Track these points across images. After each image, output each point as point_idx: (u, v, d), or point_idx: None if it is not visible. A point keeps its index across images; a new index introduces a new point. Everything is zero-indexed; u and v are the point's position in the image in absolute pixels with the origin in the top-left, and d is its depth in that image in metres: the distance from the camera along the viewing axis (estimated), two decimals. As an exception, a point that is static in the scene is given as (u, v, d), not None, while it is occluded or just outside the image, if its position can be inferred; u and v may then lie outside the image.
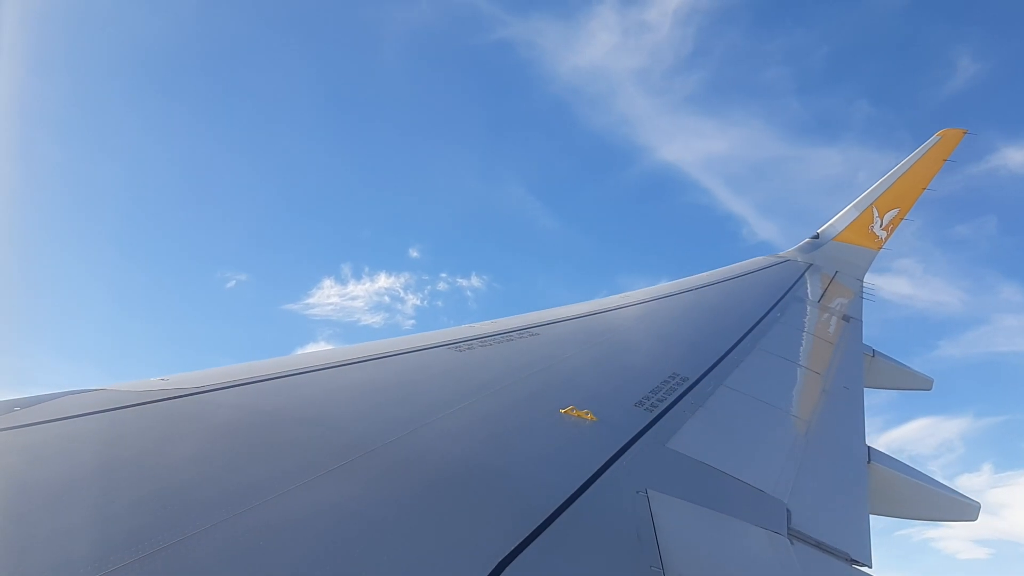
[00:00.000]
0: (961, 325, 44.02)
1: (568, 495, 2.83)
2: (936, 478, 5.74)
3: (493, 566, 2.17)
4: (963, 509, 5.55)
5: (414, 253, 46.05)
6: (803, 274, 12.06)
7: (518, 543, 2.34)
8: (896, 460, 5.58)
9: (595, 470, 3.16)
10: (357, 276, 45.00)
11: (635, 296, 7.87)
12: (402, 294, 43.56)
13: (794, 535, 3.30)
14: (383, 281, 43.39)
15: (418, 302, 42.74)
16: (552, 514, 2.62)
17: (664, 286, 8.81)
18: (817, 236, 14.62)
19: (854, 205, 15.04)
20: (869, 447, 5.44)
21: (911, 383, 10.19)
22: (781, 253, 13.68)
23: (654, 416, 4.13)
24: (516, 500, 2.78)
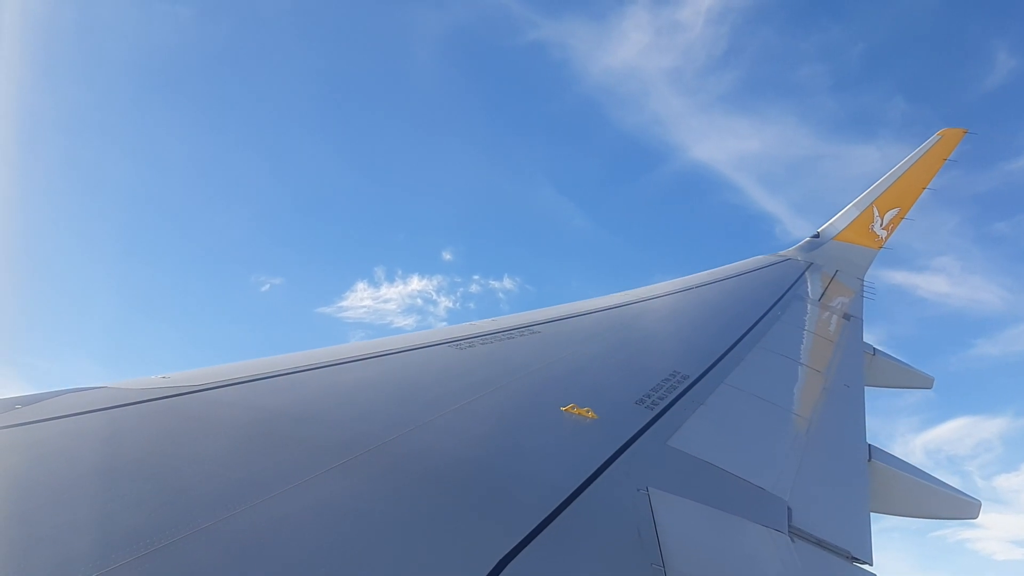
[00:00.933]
0: (1000, 323, 43.48)
1: (569, 493, 2.82)
2: (974, 478, 5.76)
3: (494, 564, 2.17)
4: (964, 507, 5.55)
5: (447, 256, 46.18)
6: (803, 273, 12.06)
7: (519, 541, 2.34)
8: (897, 458, 5.58)
9: (596, 468, 3.16)
10: (390, 279, 45.32)
11: (636, 294, 7.86)
12: (435, 296, 43.75)
13: (795, 533, 3.30)
14: (416, 283, 43.71)
15: (450, 304, 42.87)
16: (553, 512, 2.62)
17: (665, 284, 8.81)
18: (817, 235, 14.62)
19: (854, 204, 15.04)
20: (870, 445, 5.44)
21: (912, 381, 10.19)
22: (782, 252, 13.68)
23: (655, 414, 4.13)
24: (517, 498, 2.78)
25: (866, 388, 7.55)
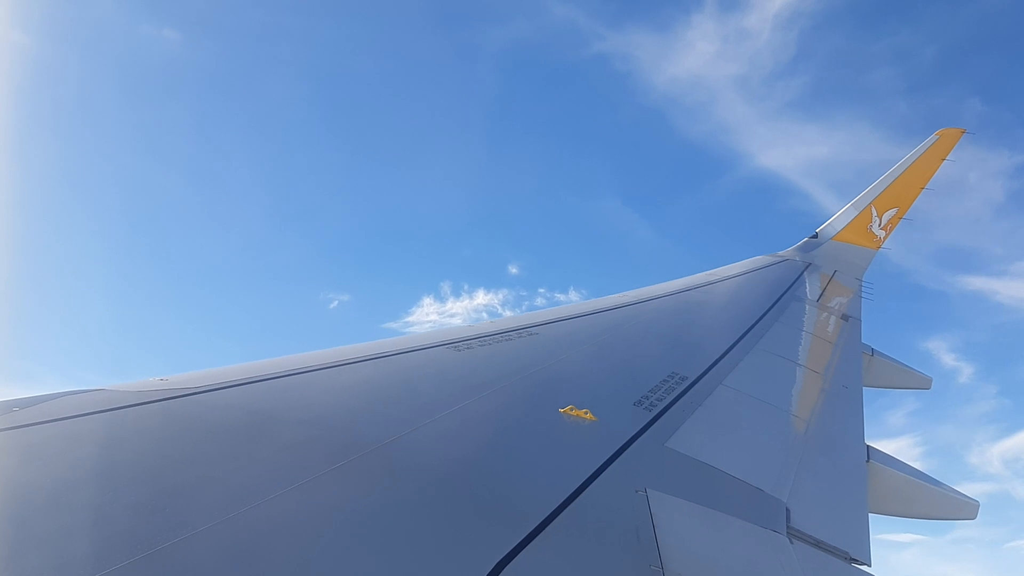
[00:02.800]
0: (1081, 330, 42.38)
1: (567, 495, 2.83)
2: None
3: (492, 566, 2.17)
4: (962, 508, 5.56)
5: (513, 269, 46.43)
6: (802, 273, 12.06)
7: (517, 543, 2.34)
8: (895, 459, 5.59)
9: (594, 469, 3.16)
10: (456, 293, 45.69)
11: (633, 295, 7.86)
12: (500, 310, 44.16)
13: (793, 534, 3.30)
14: (481, 298, 44.14)
15: (514, 317, 43.07)
16: (551, 514, 2.62)
17: (663, 285, 8.81)
18: (816, 235, 14.64)
19: (853, 204, 15.06)
20: (868, 446, 5.44)
21: (910, 382, 10.20)
22: (780, 252, 13.69)
23: (653, 415, 4.13)
24: (515, 499, 2.78)
25: (870, 389, 7.58)
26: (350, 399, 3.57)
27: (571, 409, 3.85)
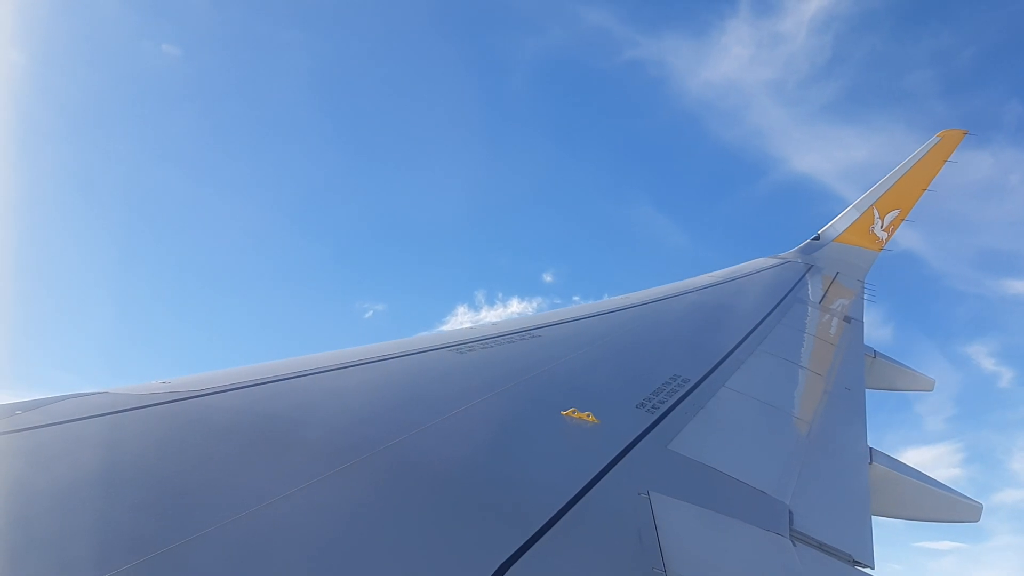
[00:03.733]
0: None
1: (570, 497, 2.82)
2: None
3: (495, 568, 2.17)
4: (965, 510, 5.55)
5: (548, 277, 46.56)
6: (804, 275, 12.05)
7: (520, 545, 2.34)
8: (898, 461, 5.58)
9: (597, 472, 3.15)
10: (491, 302, 46.25)
11: (636, 298, 7.86)
12: None
13: (796, 536, 3.30)
14: (515, 306, 44.69)
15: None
16: (554, 516, 2.62)
17: (665, 288, 8.80)
18: (818, 237, 14.63)
19: (855, 206, 15.05)
20: (871, 448, 5.43)
21: (913, 384, 10.18)
22: (782, 254, 13.67)
23: (656, 418, 4.13)
24: (518, 502, 2.78)
25: (871, 391, 7.57)
26: (354, 402, 3.57)
27: (573, 411, 3.85)
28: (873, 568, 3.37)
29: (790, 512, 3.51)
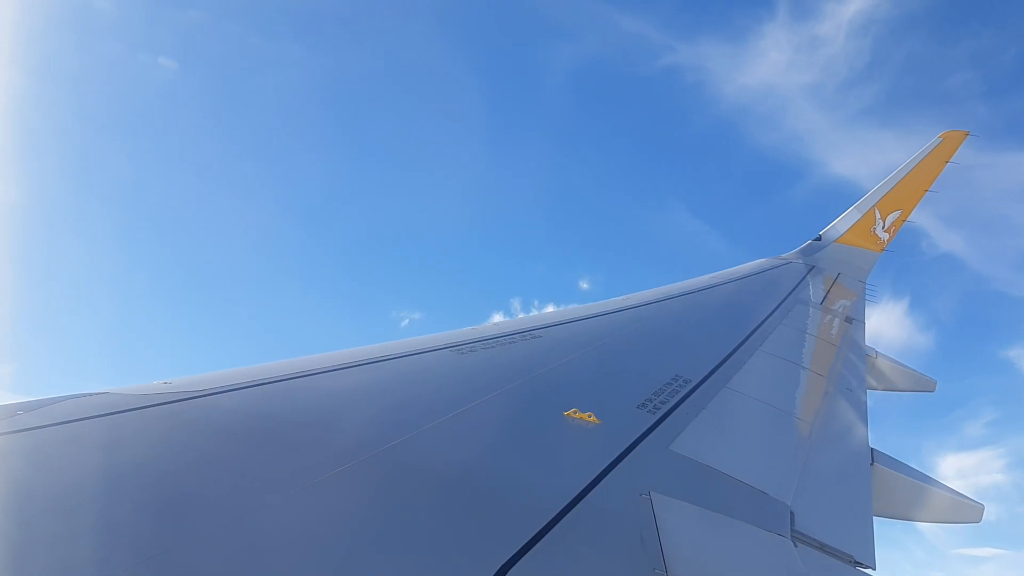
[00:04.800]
0: None
1: (571, 498, 2.82)
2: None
3: (496, 569, 2.17)
4: (967, 511, 5.54)
5: (584, 285, 46.45)
6: (805, 276, 12.05)
7: (521, 546, 2.34)
8: (900, 462, 5.57)
9: (598, 473, 3.15)
10: (526, 310, 46.20)
11: (637, 298, 7.86)
12: None
13: (797, 537, 3.29)
14: None
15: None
16: (555, 517, 2.62)
17: (666, 288, 8.80)
18: (819, 238, 14.62)
19: (856, 207, 15.04)
20: (872, 448, 5.43)
21: (915, 385, 10.17)
22: (783, 255, 13.67)
23: (657, 418, 4.13)
24: (519, 503, 2.77)
25: (873, 392, 7.56)
26: (354, 402, 3.57)
27: (575, 412, 3.85)
28: (875, 569, 3.37)
29: (791, 513, 3.51)
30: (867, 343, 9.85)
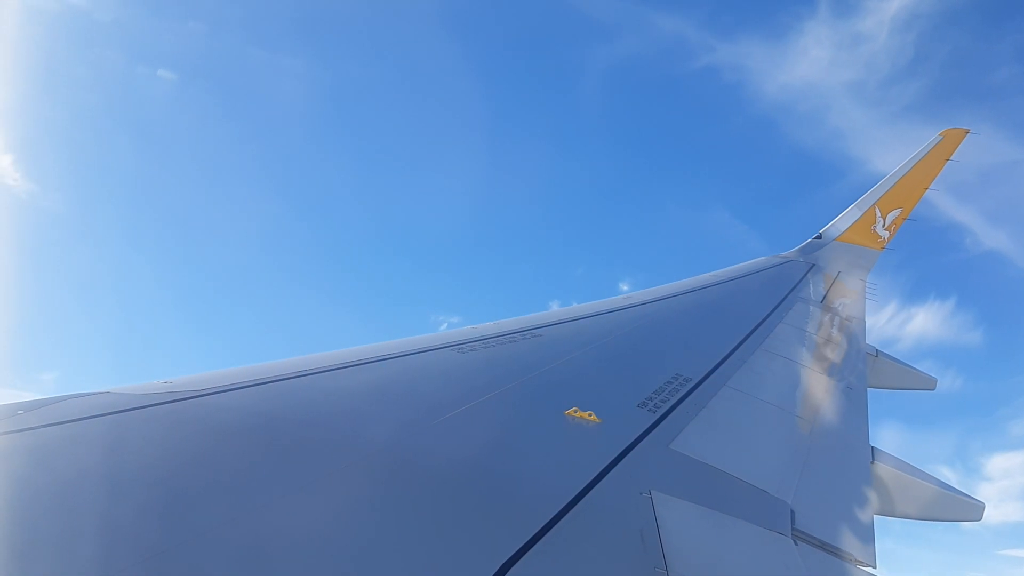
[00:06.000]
0: None
1: (572, 496, 2.82)
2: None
3: (497, 567, 2.17)
4: (968, 509, 5.54)
5: (624, 286, 46.36)
6: (806, 274, 12.04)
7: (522, 544, 2.34)
8: (900, 460, 5.57)
9: (599, 471, 3.16)
10: None
11: (637, 297, 7.86)
12: None
13: (798, 536, 3.30)
14: None
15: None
16: (556, 515, 2.62)
17: (667, 287, 8.80)
18: (820, 236, 14.60)
19: (856, 205, 15.02)
20: (873, 447, 5.43)
21: (915, 383, 10.17)
22: (784, 253, 13.66)
23: (657, 417, 4.13)
24: (520, 501, 2.78)
25: (871, 390, 7.55)
26: (355, 401, 3.57)
27: (575, 411, 3.85)
28: (875, 567, 3.37)
29: (792, 511, 3.51)
30: (902, 343, 9.87)
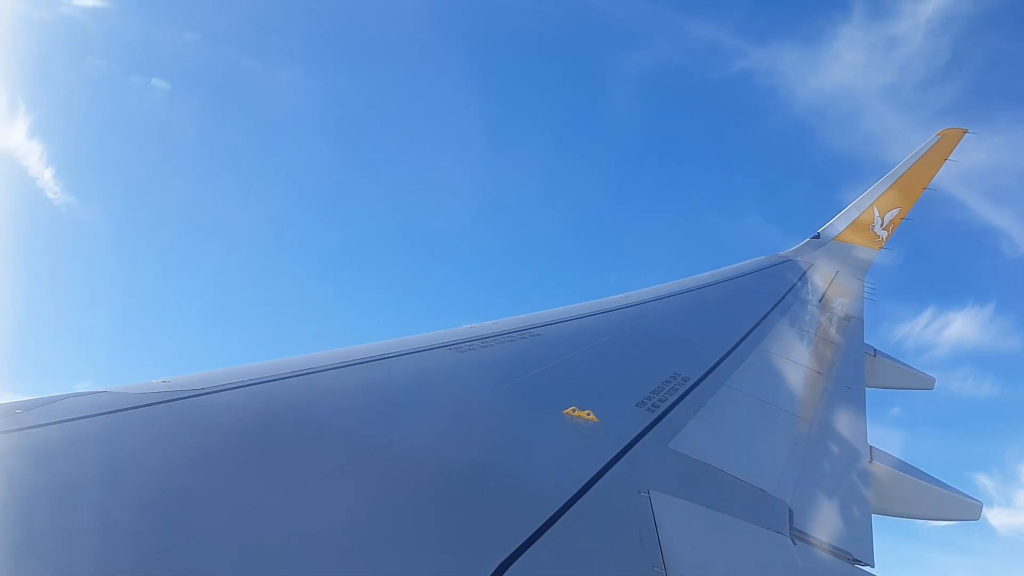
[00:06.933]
0: None
1: (570, 496, 2.82)
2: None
3: (495, 567, 2.17)
4: (965, 508, 5.55)
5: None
6: (804, 274, 12.05)
7: (520, 544, 2.34)
8: (898, 459, 5.58)
9: (597, 471, 3.16)
10: None
11: (636, 296, 7.86)
12: None
13: (796, 535, 3.30)
14: None
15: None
16: (554, 515, 2.62)
17: (665, 286, 8.80)
18: (818, 236, 14.61)
19: (855, 205, 15.04)
20: (871, 446, 5.43)
21: (913, 382, 10.18)
22: (782, 253, 13.67)
23: (656, 416, 4.13)
24: (518, 501, 2.78)
25: (869, 389, 7.57)
26: (353, 401, 3.57)
27: (573, 410, 3.85)
28: (873, 566, 3.38)
29: (790, 511, 3.51)
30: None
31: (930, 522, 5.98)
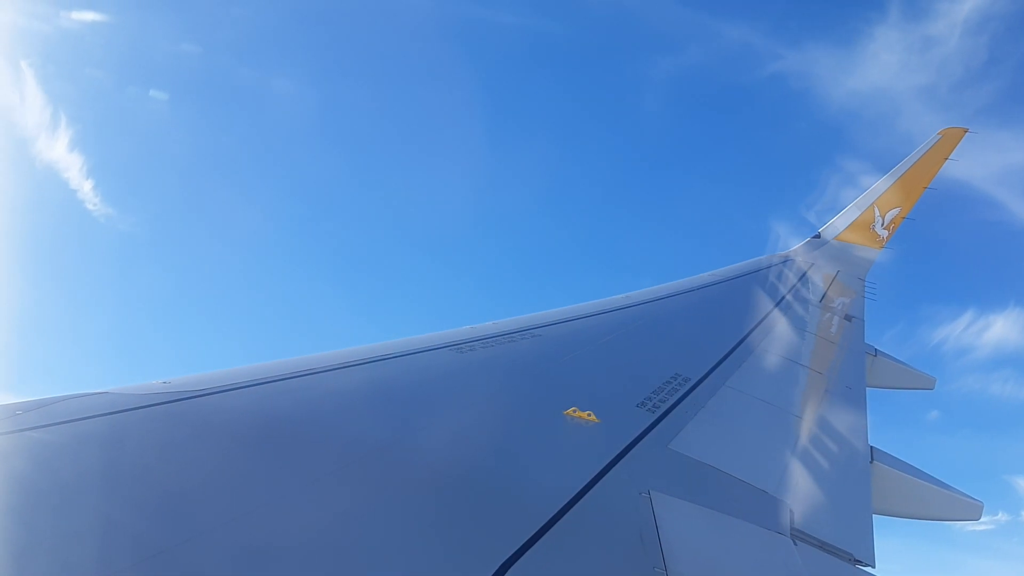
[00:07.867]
0: None
1: (571, 496, 2.82)
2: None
3: (496, 567, 2.17)
4: (966, 509, 5.55)
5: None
6: (805, 274, 12.04)
7: (521, 544, 2.34)
8: (899, 460, 5.58)
9: (598, 471, 3.16)
10: None
11: (636, 296, 7.86)
12: None
13: (797, 536, 3.30)
14: None
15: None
16: (555, 516, 2.62)
17: (666, 286, 8.80)
18: (819, 235, 14.61)
19: (855, 204, 15.03)
20: (872, 447, 5.43)
21: (914, 382, 10.18)
22: (782, 253, 13.66)
23: (656, 417, 4.13)
24: (519, 502, 2.78)
25: (869, 389, 7.56)
26: (354, 401, 3.57)
27: (574, 411, 3.85)
28: (874, 567, 3.37)
29: (791, 511, 3.51)
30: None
31: (967, 526, 5.98)
